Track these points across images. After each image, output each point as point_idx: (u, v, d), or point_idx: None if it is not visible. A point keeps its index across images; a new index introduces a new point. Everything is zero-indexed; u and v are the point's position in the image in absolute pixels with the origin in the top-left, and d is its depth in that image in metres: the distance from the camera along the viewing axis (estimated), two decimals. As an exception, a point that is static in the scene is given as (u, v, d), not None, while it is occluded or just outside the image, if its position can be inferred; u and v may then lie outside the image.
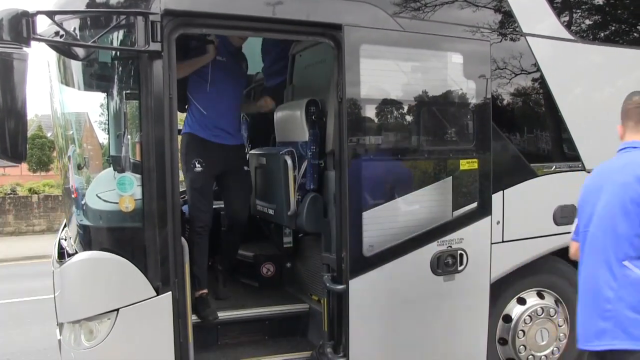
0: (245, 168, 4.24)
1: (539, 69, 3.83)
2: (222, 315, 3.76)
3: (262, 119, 4.75)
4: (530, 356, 3.95)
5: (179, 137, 3.83)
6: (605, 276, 2.27)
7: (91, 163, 3.64)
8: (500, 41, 3.73)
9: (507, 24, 3.79)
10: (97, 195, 3.29)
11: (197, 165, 3.82)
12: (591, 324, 2.32)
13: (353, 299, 3.21)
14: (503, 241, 3.66)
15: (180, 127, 3.88)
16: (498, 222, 3.64)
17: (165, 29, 2.84)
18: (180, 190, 3.88)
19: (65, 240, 3.59)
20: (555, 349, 4.03)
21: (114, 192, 3.02)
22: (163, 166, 2.91)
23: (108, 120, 3.72)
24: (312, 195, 3.69)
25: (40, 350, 5.49)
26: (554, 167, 3.90)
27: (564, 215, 3.85)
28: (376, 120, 3.39)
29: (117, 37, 2.97)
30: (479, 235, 3.53)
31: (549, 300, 4.01)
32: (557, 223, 3.84)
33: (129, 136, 3.13)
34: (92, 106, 3.71)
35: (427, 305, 3.47)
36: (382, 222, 3.25)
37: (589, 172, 3.95)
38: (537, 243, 3.81)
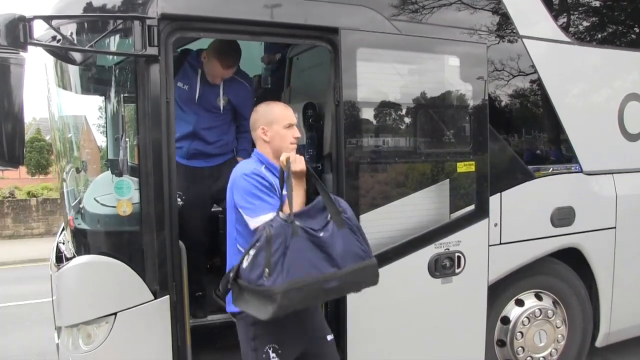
0: None
1: (536, 71, 3.84)
2: (220, 317, 3.76)
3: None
4: (529, 358, 3.96)
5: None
6: None
7: (89, 166, 3.64)
8: (497, 43, 3.74)
9: (504, 26, 3.80)
10: (94, 199, 3.29)
11: None
12: None
13: (351, 301, 3.22)
14: (501, 243, 3.67)
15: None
16: (495, 225, 3.64)
17: (162, 34, 2.84)
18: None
19: (64, 244, 3.60)
20: (553, 350, 4.04)
21: (111, 195, 3.03)
22: (161, 170, 2.91)
23: (106, 124, 3.73)
24: (309, 198, 3.69)
25: (39, 354, 5.48)
26: (551, 169, 3.91)
27: (562, 217, 3.86)
28: (373, 123, 3.40)
29: (114, 41, 2.97)
30: (476, 237, 3.54)
31: (547, 302, 4.01)
32: (554, 225, 3.85)
33: (126, 140, 3.13)
34: (90, 110, 3.72)
35: (424, 307, 3.47)
36: (379, 224, 3.26)
37: (586, 174, 3.99)
38: (535, 245, 3.82)
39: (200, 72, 3.70)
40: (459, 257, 3.48)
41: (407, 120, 3.54)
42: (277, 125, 2.67)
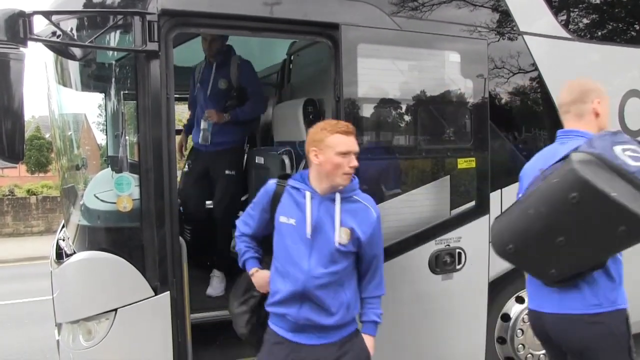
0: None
1: (536, 68, 3.84)
2: (221, 314, 3.76)
3: (260, 118, 4.76)
4: (529, 355, 3.95)
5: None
6: None
7: (89, 163, 3.63)
8: (498, 40, 3.74)
9: (505, 22, 3.79)
10: (95, 195, 3.29)
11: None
12: None
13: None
14: (501, 240, 3.66)
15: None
16: (496, 221, 3.64)
17: (162, 29, 2.84)
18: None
19: (64, 240, 3.59)
20: (553, 347, 4.03)
21: (111, 192, 3.02)
22: (161, 166, 2.91)
23: (106, 121, 3.72)
24: (310, 195, 3.68)
25: (38, 352, 5.48)
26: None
27: (562, 213, 3.86)
28: (374, 119, 3.39)
29: (114, 37, 2.97)
30: (477, 233, 3.53)
31: (547, 299, 4.01)
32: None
33: (126, 136, 3.12)
34: (90, 107, 3.71)
35: (425, 304, 3.47)
36: (380, 221, 3.25)
37: (586, 171, 3.99)
38: (535, 241, 3.81)
39: (310, 193, 2.56)
40: (459, 254, 3.48)
41: (407, 116, 3.54)
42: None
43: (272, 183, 2.71)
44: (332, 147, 2.48)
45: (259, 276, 2.71)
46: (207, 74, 4.30)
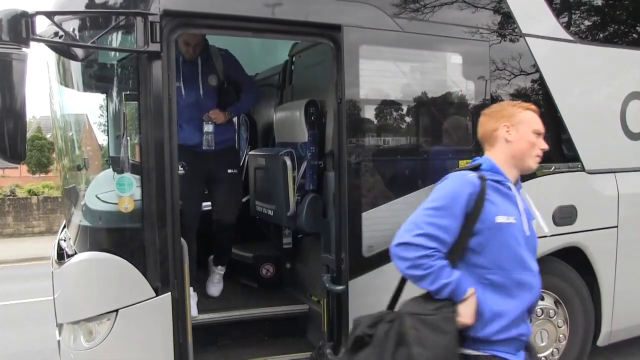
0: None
1: (538, 70, 3.83)
2: (222, 315, 3.76)
3: (262, 119, 4.76)
4: (530, 356, 3.94)
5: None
6: None
7: (90, 164, 3.63)
8: (500, 42, 3.73)
9: (506, 24, 3.79)
10: (96, 196, 3.29)
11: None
12: None
13: (352, 299, 3.21)
14: (502, 241, 3.65)
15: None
16: (497, 223, 3.63)
17: (164, 30, 2.84)
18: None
19: (65, 241, 3.59)
20: (554, 350, 4.03)
21: (113, 192, 3.02)
22: (162, 167, 2.91)
23: (107, 121, 3.72)
24: (311, 196, 3.69)
25: (39, 352, 5.47)
26: (553, 167, 3.90)
27: (563, 215, 3.85)
28: (375, 120, 3.39)
29: (116, 37, 2.97)
30: (478, 235, 3.53)
31: (548, 302, 4.00)
32: (556, 224, 3.83)
33: (128, 137, 3.12)
34: (92, 107, 3.71)
35: (426, 305, 3.46)
36: (381, 222, 3.25)
37: (588, 173, 3.98)
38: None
39: (511, 184, 2.27)
40: (460, 256, 3.47)
41: (409, 118, 3.53)
42: None
43: (473, 177, 2.14)
44: (528, 124, 2.23)
45: (474, 301, 2.10)
46: (191, 72, 3.97)
